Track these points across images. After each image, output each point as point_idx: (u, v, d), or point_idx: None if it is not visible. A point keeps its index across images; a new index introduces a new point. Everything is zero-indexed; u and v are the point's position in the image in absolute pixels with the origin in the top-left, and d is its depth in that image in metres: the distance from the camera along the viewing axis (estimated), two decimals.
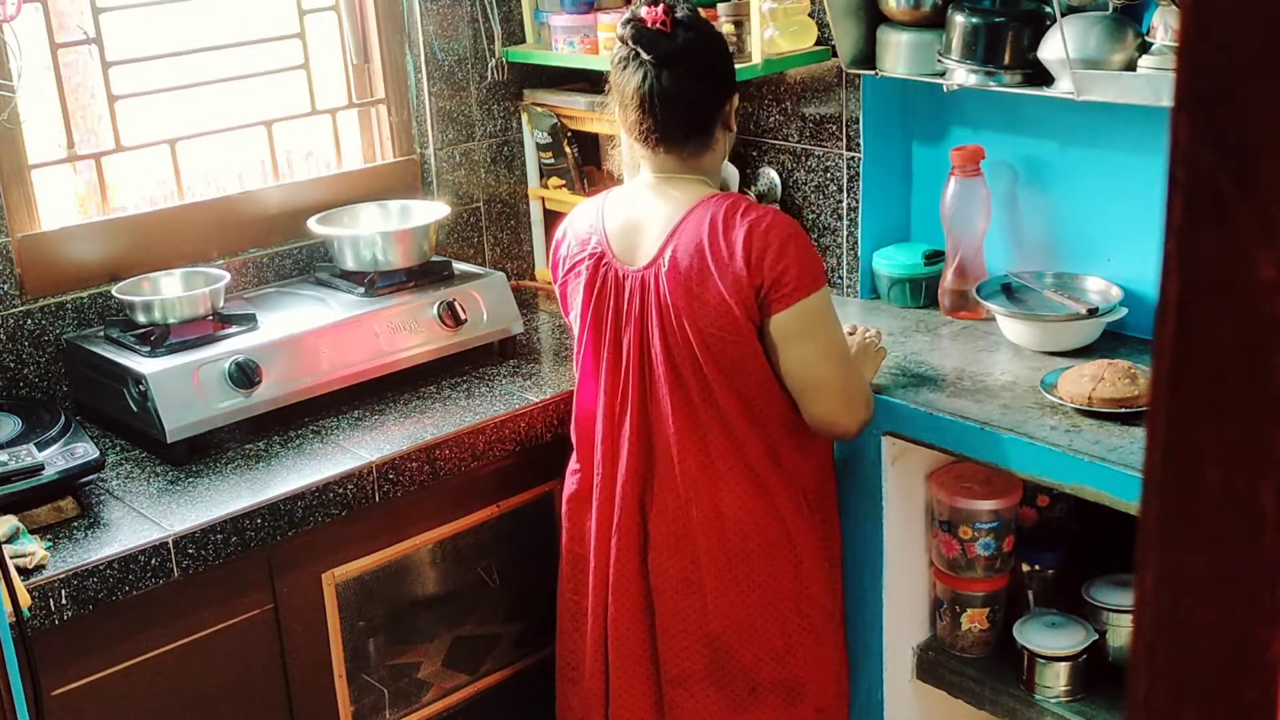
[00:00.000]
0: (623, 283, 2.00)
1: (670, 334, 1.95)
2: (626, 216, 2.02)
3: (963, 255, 2.46)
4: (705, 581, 2.04)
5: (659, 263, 1.95)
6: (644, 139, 1.98)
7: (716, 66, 2.00)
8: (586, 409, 2.11)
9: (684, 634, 2.07)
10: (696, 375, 1.96)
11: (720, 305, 1.91)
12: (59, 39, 2.43)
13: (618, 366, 2.03)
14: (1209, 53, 0.44)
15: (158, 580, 1.94)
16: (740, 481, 2.01)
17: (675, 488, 2.03)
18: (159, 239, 2.52)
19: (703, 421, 1.99)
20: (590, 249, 2.03)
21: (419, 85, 2.84)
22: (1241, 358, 0.46)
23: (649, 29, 1.95)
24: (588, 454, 2.13)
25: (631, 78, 1.95)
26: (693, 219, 1.94)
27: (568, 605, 2.21)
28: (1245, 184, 0.44)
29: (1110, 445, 1.91)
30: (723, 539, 2.03)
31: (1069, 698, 2.13)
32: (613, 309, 2.01)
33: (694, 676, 2.08)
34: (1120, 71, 2.06)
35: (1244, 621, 0.48)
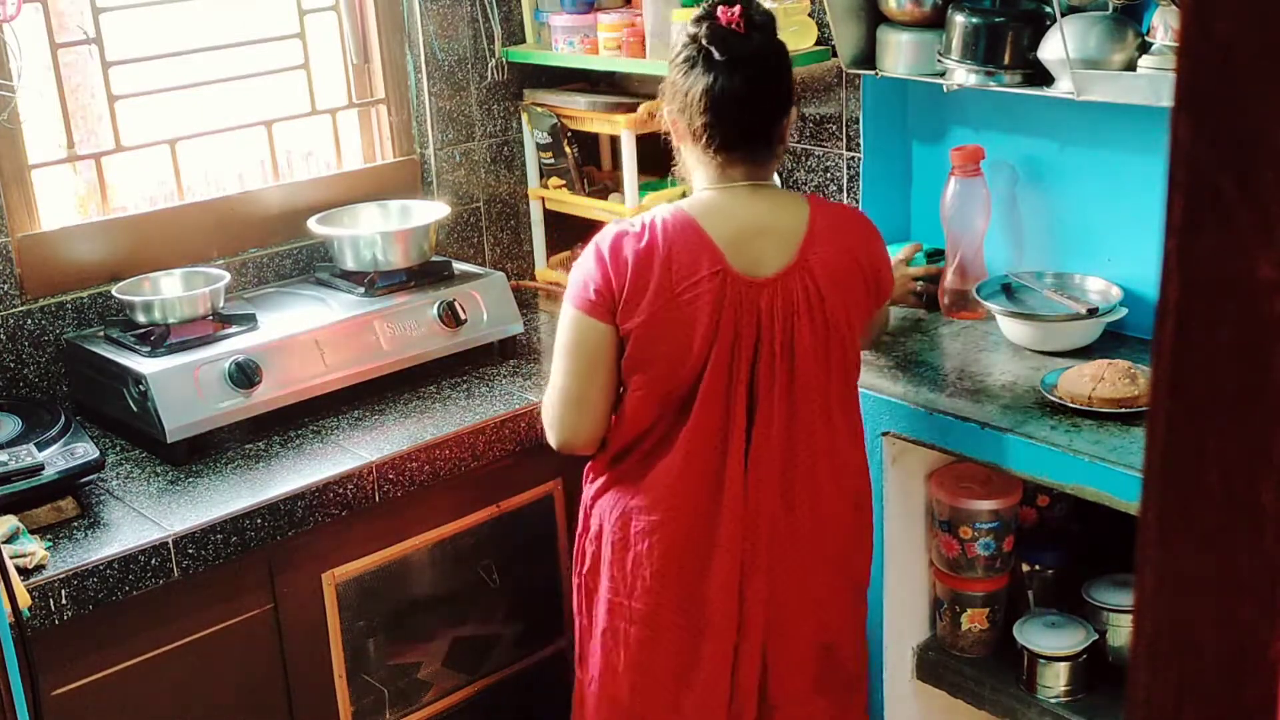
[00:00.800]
0: (756, 294, 1.86)
1: (823, 332, 1.89)
2: (740, 228, 1.88)
3: (963, 255, 2.46)
4: (827, 593, 1.99)
5: (805, 266, 1.88)
6: (709, 144, 1.89)
7: (785, 74, 1.93)
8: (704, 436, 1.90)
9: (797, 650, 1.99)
10: (843, 369, 1.94)
11: (862, 298, 1.95)
12: (59, 39, 2.43)
13: (748, 381, 1.89)
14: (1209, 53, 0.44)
15: (158, 580, 1.94)
16: (863, 482, 2.01)
17: (821, 503, 1.94)
18: (159, 239, 2.52)
19: (835, 422, 1.94)
20: (708, 267, 1.85)
21: (419, 85, 2.84)
22: (1241, 358, 0.46)
23: (724, 28, 1.86)
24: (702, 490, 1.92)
25: (701, 79, 1.86)
26: (822, 221, 1.92)
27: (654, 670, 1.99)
28: (1245, 184, 0.44)
29: (1110, 445, 1.91)
30: (849, 545, 2.01)
31: (1069, 698, 2.13)
32: (747, 324, 1.87)
33: (804, 692, 2.02)
34: (1120, 71, 2.06)
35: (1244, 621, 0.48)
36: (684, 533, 1.92)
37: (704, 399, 1.87)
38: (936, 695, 2.34)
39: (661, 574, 1.94)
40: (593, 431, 1.95)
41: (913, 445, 2.15)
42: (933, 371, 2.24)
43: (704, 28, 1.87)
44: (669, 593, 1.94)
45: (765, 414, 1.88)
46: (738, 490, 1.90)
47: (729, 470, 1.89)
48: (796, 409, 1.90)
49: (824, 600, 1.99)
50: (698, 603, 1.94)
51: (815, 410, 1.91)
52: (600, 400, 1.92)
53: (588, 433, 1.95)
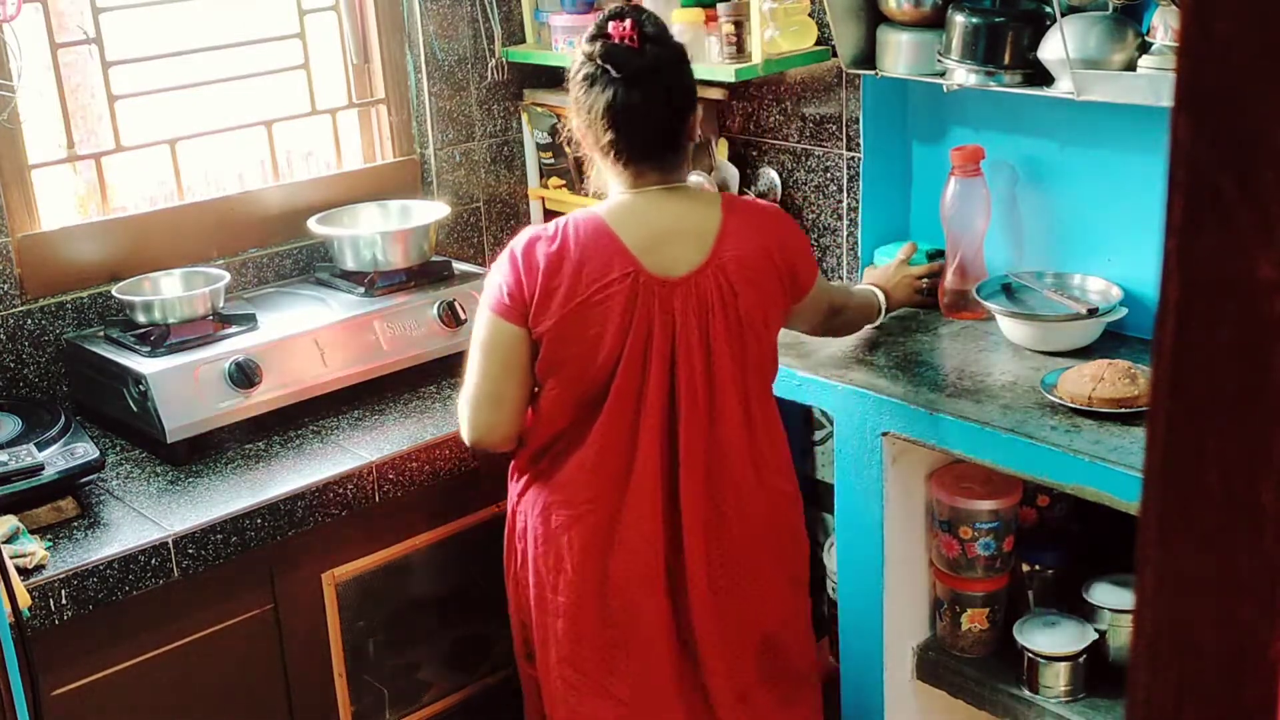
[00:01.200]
0: (669, 294, 1.90)
1: (737, 328, 1.94)
2: (651, 230, 1.93)
3: (963, 255, 2.46)
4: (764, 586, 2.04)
5: (718, 263, 1.92)
6: (615, 157, 1.94)
7: (683, 81, 1.98)
8: (616, 433, 1.94)
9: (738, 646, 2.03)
10: (759, 365, 1.98)
11: (775, 295, 1.98)
12: (59, 39, 2.43)
13: (664, 380, 1.93)
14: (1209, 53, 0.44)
15: (158, 580, 1.94)
16: (784, 473, 2.06)
17: (740, 493, 1.98)
18: (159, 239, 2.52)
19: (754, 416, 1.98)
20: (619, 269, 1.90)
21: (419, 85, 2.84)
22: (1241, 358, 0.46)
23: (618, 45, 1.91)
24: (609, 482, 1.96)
25: (600, 96, 1.91)
26: (735, 219, 1.96)
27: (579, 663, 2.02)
28: (1245, 184, 0.44)
29: (1110, 445, 1.91)
30: (778, 536, 2.06)
31: (1069, 698, 2.13)
32: (660, 324, 1.91)
33: (750, 686, 2.05)
34: (1120, 71, 2.06)
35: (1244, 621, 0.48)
36: (599, 527, 1.97)
37: (615, 397, 1.92)
38: (936, 695, 2.34)
39: (581, 568, 1.98)
40: (506, 430, 1.99)
41: (913, 445, 2.15)
42: (933, 371, 2.24)
43: (598, 46, 1.92)
44: (589, 586, 1.98)
45: (689, 412, 1.94)
46: (650, 486, 1.94)
47: (638, 467, 1.94)
48: (717, 406, 1.95)
49: (761, 594, 2.04)
50: (620, 596, 1.98)
51: (734, 406, 1.96)
52: (514, 400, 1.97)
53: (501, 431, 1.99)
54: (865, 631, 2.30)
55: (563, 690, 2.04)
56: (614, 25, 1.91)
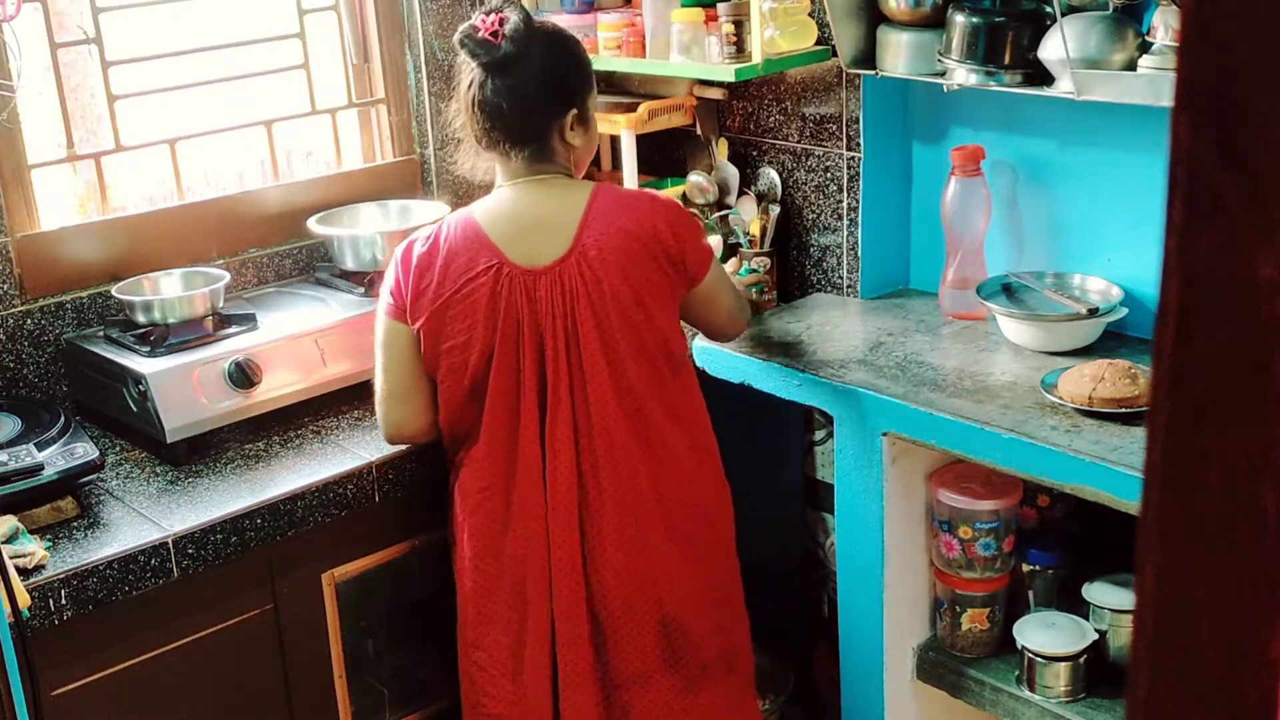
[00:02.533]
0: (534, 283, 1.98)
1: (604, 312, 1.99)
2: (515, 221, 2.02)
3: (963, 255, 2.46)
4: (656, 568, 2.05)
5: (580, 250, 1.99)
6: (479, 142, 2.06)
7: (544, 81, 2.03)
8: (498, 421, 2.02)
9: (637, 629, 2.05)
10: (634, 348, 2.01)
11: (657, 274, 2.01)
12: (59, 39, 2.43)
13: (537, 372, 2.00)
14: (1209, 53, 0.44)
15: (158, 580, 1.94)
16: (688, 456, 2.08)
17: (621, 474, 2.02)
18: (159, 239, 2.52)
19: (640, 402, 2.03)
20: (484, 263, 1.99)
21: (419, 85, 2.84)
22: (1241, 358, 0.46)
23: (478, 36, 2.01)
24: (500, 476, 2.04)
25: (463, 80, 2.05)
26: (600, 205, 2.02)
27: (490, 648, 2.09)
28: (1245, 184, 0.44)
29: (1110, 445, 1.91)
30: (674, 518, 2.07)
31: (1069, 698, 2.13)
32: (527, 313, 1.98)
33: (650, 670, 2.07)
34: (1120, 71, 2.06)
35: (1244, 621, 0.48)
36: (493, 514, 2.06)
37: (494, 386, 2.01)
38: (936, 695, 2.34)
39: (480, 553, 2.07)
40: (416, 423, 2.10)
41: (913, 445, 2.15)
42: (933, 371, 2.24)
43: (460, 34, 2.03)
44: (487, 571, 2.07)
45: (554, 397, 2.01)
46: (534, 472, 2.02)
47: (521, 453, 2.02)
48: (587, 390, 2.01)
49: (660, 577, 2.06)
50: (514, 581, 2.05)
51: (606, 390, 2.01)
52: (415, 394, 2.08)
53: (412, 425, 2.10)
54: (865, 631, 2.30)
55: (473, 670, 2.12)
56: (482, 19, 2.02)
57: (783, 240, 2.74)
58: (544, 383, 2.01)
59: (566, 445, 2.01)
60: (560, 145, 2.06)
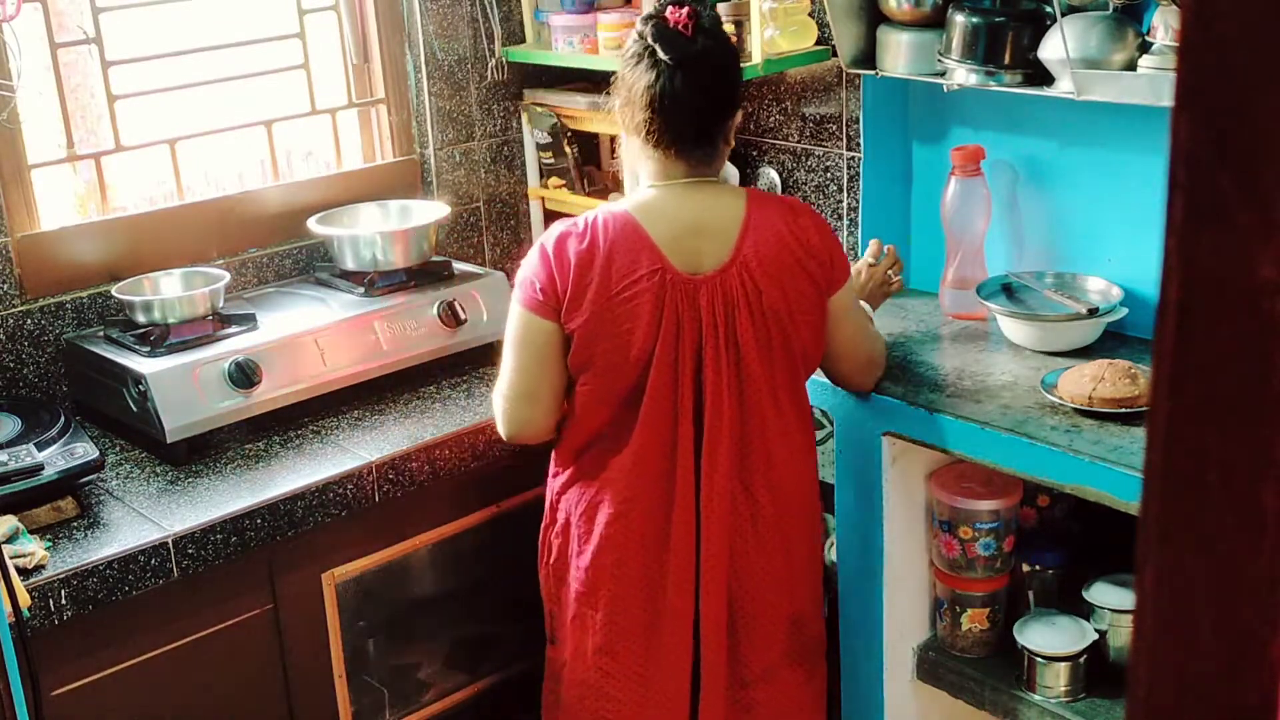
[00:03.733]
0: (695, 291, 1.92)
1: (762, 324, 1.95)
2: (678, 225, 1.95)
3: (963, 255, 2.46)
4: (795, 567, 2.07)
5: (741, 260, 1.94)
6: (648, 139, 1.95)
7: (729, 79, 1.99)
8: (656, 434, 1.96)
9: (767, 627, 2.06)
10: (787, 359, 1.99)
11: (808, 287, 1.98)
12: (59, 39, 2.43)
13: (694, 375, 1.94)
14: (1209, 53, 0.44)
15: (158, 580, 1.94)
16: (812, 459, 2.10)
17: (773, 485, 2.01)
18: (159, 239, 2.52)
19: (783, 408, 2.01)
20: (647, 266, 1.91)
21: (419, 85, 2.84)
22: (1241, 358, 0.46)
23: (670, 29, 1.92)
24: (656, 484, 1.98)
25: (644, 75, 1.92)
26: (757, 213, 1.97)
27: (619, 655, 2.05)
28: (1245, 184, 0.44)
29: (1110, 445, 1.91)
30: (808, 522, 2.09)
31: (1069, 698, 2.12)
32: (688, 321, 1.92)
33: (776, 665, 2.09)
34: (1120, 71, 2.06)
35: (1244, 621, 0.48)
36: (641, 524, 1.99)
37: (651, 395, 1.94)
38: (936, 695, 2.34)
39: (621, 563, 2.01)
40: (542, 424, 2.02)
41: (913, 445, 2.15)
42: (933, 371, 2.24)
43: (650, 26, 1.94)
44: (630, 580, 2.01)
45: (714, 407, 1.95)
46: (689, 481, 1.97)
47: (679, 462, 1.96)
48: (745, 400, 1.97)
49: (790, 576, 2.07)
50: (658, 589, 2.01)
51: (764, 400, 1.98)
52: (548, 395, 1.99)
53: (537, 425, 2.02)
54: (865, 631, 2.30)
55: (597, 678, 2.06)
56: (672, 10, 1.93)
57: None
58: (699, 392, 1.96)
59: (728, 457, 1.97)
60: (725, 147, 2.02)
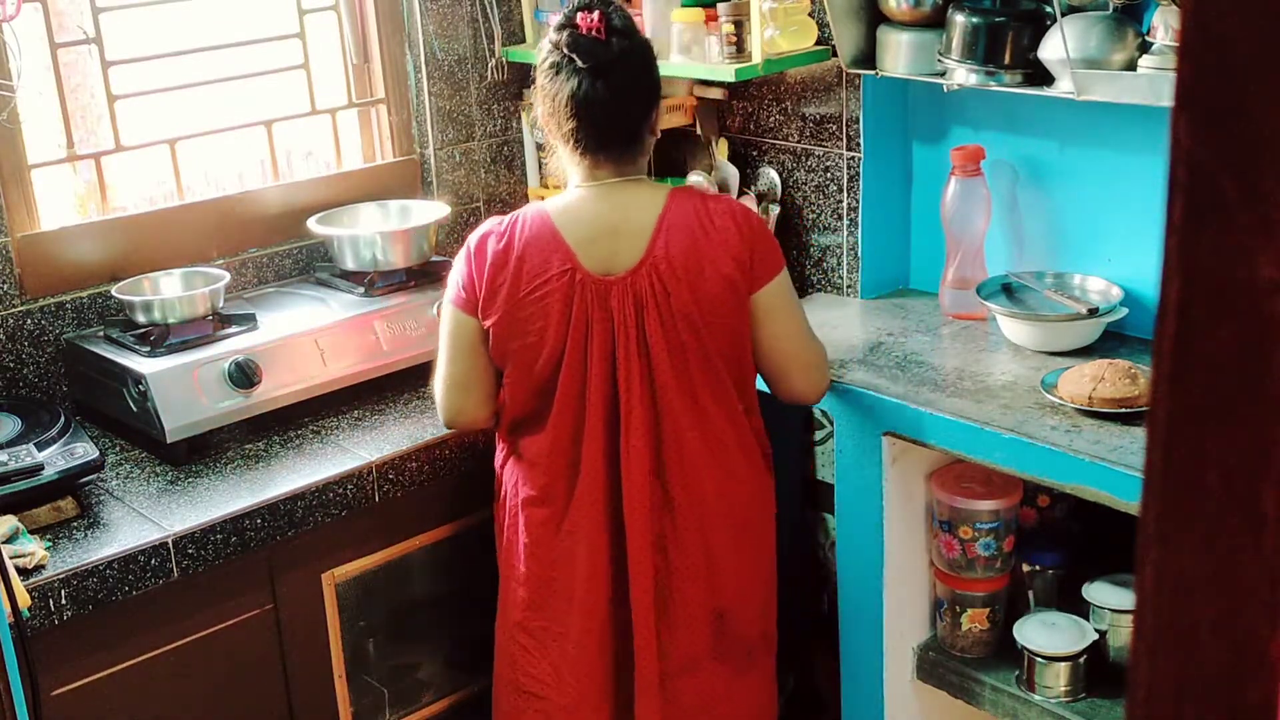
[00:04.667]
0: (606, 292, 1.96)
1: (672, 325, 1.97)
2: (592, 226, 1.98)
3: (963, 255, 2.46)
4: (717, 565, 2.07)
5: (651, 261, 1.97)
6: (576, 146, 1.98)
7: (648, 75, 2.02)
8: (565, 430, 2.02)
9: (690, 620, 2.08)
10: (701, 359, 2.00)
11: (725, 288, 1.98)
12: (59, 39, 2.42)
13: (608, 379, 1.98)
14: (1209, 53, 0.44)
15: (158, 580, 1.94)
16: (740, 455, 2.08)
17: (690, 481, 2.03)
18: (159, 239, 2.52)
19: (703, 407, 2.02)
20: (558, 266, 1.96)
21: (419, 85, 2.84)
22: (1241, 358, 0.46)
23: (585, 36, 1.94)
24: (564, 475, 2.05)
25: (565, 85, 1.95)
26: (673, 214, 1.99)
27: (536, 631, 2.11)
28: (1245, 184, 0.44)
29: (1110, 445, 1.91)
30: (732, 516, 2.08)
31: (1069, 698, 2.13)
32: (599, 321, 1.96)
33: (700, 658, 2.10)
34: (1120, 71, 2.06)
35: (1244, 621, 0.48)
36: (552, 511, 2.06)
37: (562, 391, 2.00)
38: (936, 695, 2.34)
39: (536, 543, 2.08)
40: (475, 412, 2.09)
41: (913, 445, 2.15)
42: (933, 371, 2.24)
43: (565, 35, 1.96)
44: (543, 560, 2.08)
45: (626, 406, 2.00)
46: (598, 477, 2.02)
47: (585, 456, 2.02)
48: (659, 400, 2.00)
49: (710, 572, 2.07)
50: (569, 574, 2.07)
51: (675, 401, 2.01)
52: (479, 384, 2.07)
53: (470, 414, 2.10)
54: (865, 631, 2.30)
55: (515, 652, 2.13)
56: (582, 16, 1.96)
57: (783, 240, 2.73)
58: (614, 390, 1.99)
59: (641, 453, 2.00)
60: (650, 138, 2.05)
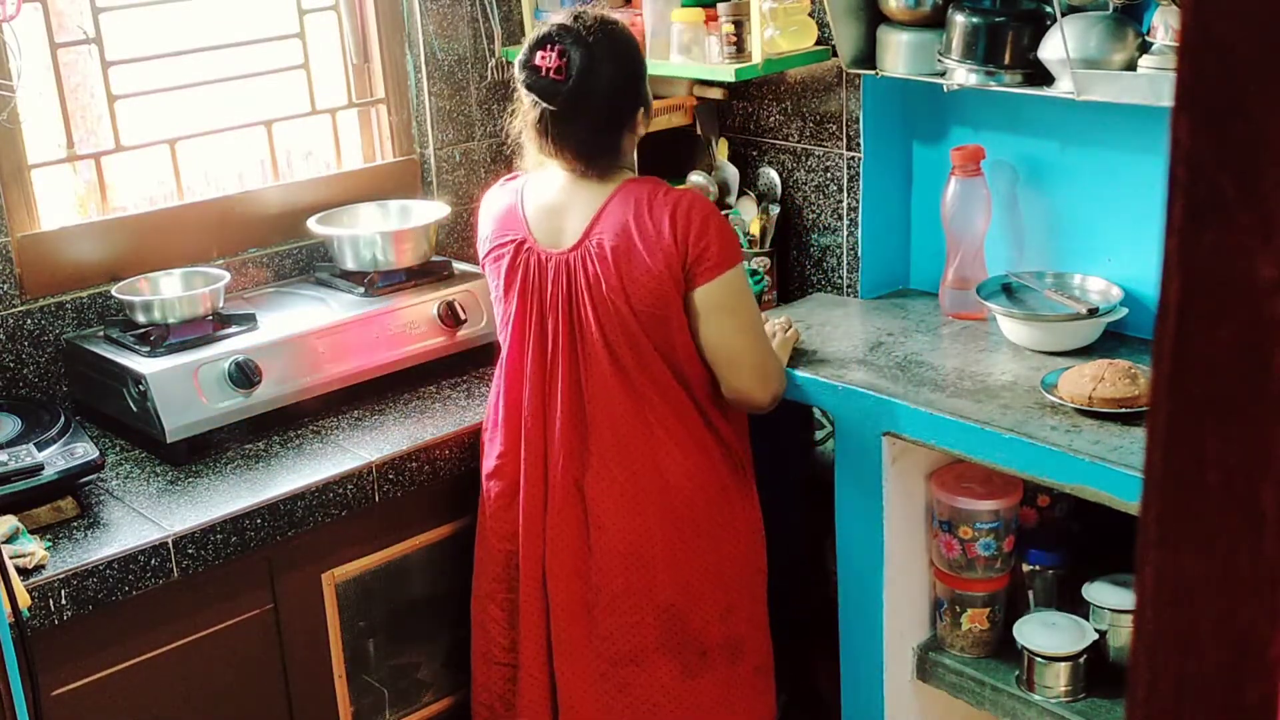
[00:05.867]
0: (546, 265, 2.04)
1: (603, 311, 2.00)
2: (547, 202, 2.07)
3: (963, 255, 2.46)
4: (655, 553, 2.07)
5: (586, 244, 2.01)
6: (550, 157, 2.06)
7: (618, 96, 2.01)
8: (514, 389, 2.11)
9: (634, 609, 2.08)
10: (632, 348, 2.02)
11: (651, 280, 1.99)
12: (59, 39, 2.43)
13: (543, 347, 2.06)
14: (1209, 53, 0.44)
15: (158, 580, 1.94)
16: (682, 447, 2.08)
17: (618, 462, 2.05)
18: (159, 239, 2.52)
19: (640, 393, 2.04)
20: (511, 235, 2.08)
21: (419, 85, 2.84)
22: (1241, 358, 0.46)
23: (542, 78, 1.97)
24: (514, 437, 2.12)
25: (531, 111, 2.01)
26: (616, 201, 2.02)
27: (502, 602, 2.18)
28: (1245, 184, 0.44)
29: (1110, 445, 1.91)
30: (670, 506, 2.08)
31: (1069, 698, 2.12)
32: (537, 291, 2.05)
33: (646, 650, 2.10)
34: (1120, 71, 2.06)
35: (1244, 621, 0.48)
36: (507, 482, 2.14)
37: (509, 356, 2.11)
38: (936, 695, 2.34)
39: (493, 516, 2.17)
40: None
41: (913, 445, 2.15)
42: (933, 371, 2.24)
43: (525, 76, 2.00)
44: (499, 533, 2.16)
45: (551, 378, 2.06)
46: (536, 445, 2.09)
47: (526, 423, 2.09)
48: (590, 378, 2.04)
49: (659, 564, 2.08)
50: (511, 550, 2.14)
51: (611, 384, 2.03)
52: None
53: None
54: (865, 631, 2.30)
55: (485, 620, 2.20)
56: (541, 55, 1.97)
57: (783, 240, 2.74)
58: (548, 361, 2.06)
59: (566, 427, 2.05)
60: (630, 138, 2.08)
